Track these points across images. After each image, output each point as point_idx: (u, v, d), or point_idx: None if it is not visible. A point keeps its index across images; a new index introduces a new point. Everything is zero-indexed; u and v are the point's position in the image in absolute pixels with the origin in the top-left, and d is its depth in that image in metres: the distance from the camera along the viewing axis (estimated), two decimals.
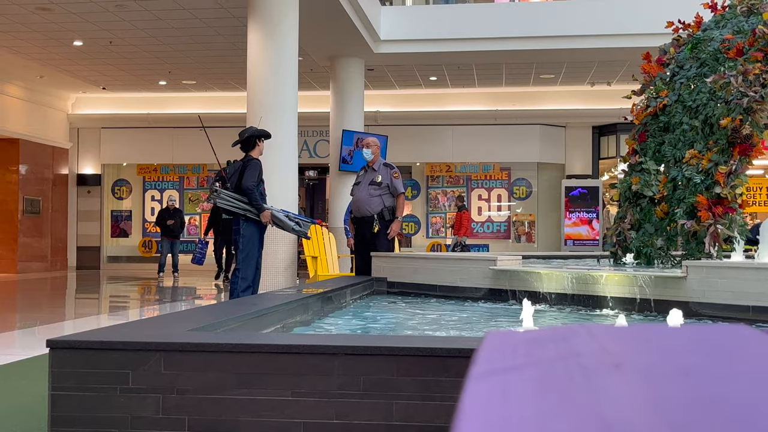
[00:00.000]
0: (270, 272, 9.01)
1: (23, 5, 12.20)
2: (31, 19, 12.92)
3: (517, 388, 0.55)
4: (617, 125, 18.37)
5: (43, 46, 14.76)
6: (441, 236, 19.86)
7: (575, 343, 0.62)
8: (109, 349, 2.86)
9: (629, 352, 0.60)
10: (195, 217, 20.44)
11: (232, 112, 17.75)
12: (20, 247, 17.86)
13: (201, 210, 20.36)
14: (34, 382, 4.65)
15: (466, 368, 0.64)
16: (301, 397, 2.73)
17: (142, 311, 10.54)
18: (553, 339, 0.65)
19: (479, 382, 0.57)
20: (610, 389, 0.52)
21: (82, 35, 13.96)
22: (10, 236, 17.81)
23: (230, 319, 3.80)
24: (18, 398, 4.46)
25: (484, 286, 6.42)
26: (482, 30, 14.04)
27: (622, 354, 0.58)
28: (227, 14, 12.64)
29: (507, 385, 0.56)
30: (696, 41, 6.73)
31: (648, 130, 6.92)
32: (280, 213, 7.75)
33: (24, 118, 18.10)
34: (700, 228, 5.95)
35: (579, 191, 18.13)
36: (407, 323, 5.45)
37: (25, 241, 18.06)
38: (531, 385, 0.55)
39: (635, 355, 0.58)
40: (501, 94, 18.88)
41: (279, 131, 8.96)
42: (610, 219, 16.66)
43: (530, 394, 0.54)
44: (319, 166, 19.81)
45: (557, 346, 0.62)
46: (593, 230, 18.00)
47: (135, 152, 20.27)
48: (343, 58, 14.37)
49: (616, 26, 13.58)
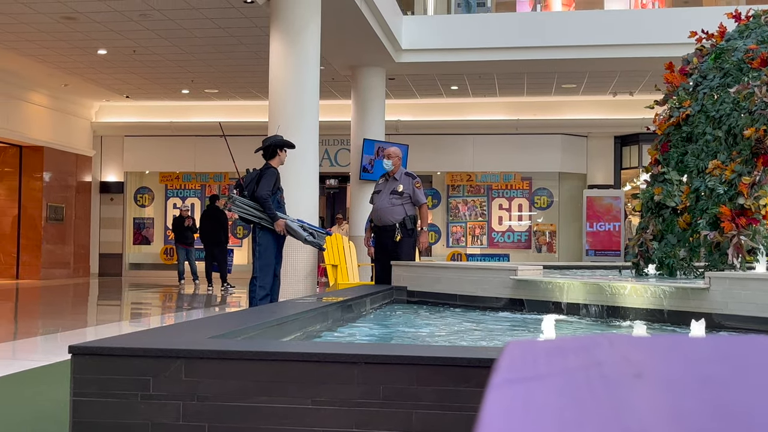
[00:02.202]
0: (290, 280, 9.03)
1: (49, 14, 12.34)
2: (57, 28, 13.06)
3: (539, 398, 0.55)
4: (639, 135, 18.27)
5: (68, 55, 14.91)
6: (461, 245, 19.82)
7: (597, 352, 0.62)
8: (131, 355, 2.88)
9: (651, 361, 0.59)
10: None
11: (254, 121, 17.83)
12: (44, 254, 18.02)
13: None
14: (56, 388, 4.69)
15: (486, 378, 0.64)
16: (321, 406, 2.73)
17: (163, 318, 10.59)
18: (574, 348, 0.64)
19: (500, 391, 0.57)
20: (631, 399, 0.52)
21: (107, 44, 14.09)
22: (33, 243, 17.98)
23: (250, 327, 3.81)
24: (40, 404, 4.49)
25: (505, 296, 6.40)
26: (504, 39, 14.03)
27: (644, 364, 0.58)
28: (250, 24, 12.72)
29: (528, 395, 0.56)
30: (719, 51, 6.69)
31: (671, 141, 6.88)
32: (295, 223, 7.75)
33: (48, 126, 18.29)
34: (723, 239, 5.90)
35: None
36: (429, 332, 5.44)
37: (49, 247, 18.22)
38: (552, 394, 0.55)
39: (657, 365, 0.58)
40: (522, 104, 18.84)
41: (300, 140, 8.99)
42: (632, 229, 16.57)
43: (551, 404, 0.53)
44: (339, 175, 19.86)
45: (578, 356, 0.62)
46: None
47: (157, 160, 20.41)
48: (365, 68, 14.42)
49: (639, 36, 13.53)
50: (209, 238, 15.53)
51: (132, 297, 14.59)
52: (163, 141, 20.16)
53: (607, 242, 18.02)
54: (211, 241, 15.45)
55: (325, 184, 20.06)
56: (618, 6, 15.19)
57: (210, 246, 15.48)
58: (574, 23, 14.18)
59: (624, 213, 18.15)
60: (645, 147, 16.50)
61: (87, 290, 16.30)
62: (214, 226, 15.53)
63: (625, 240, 17.27)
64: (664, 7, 15.94)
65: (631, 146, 19.31)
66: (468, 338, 5.06)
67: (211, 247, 15.48)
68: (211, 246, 15.46)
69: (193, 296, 14.35)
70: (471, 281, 6.78)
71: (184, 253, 16.66)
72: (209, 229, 15.55)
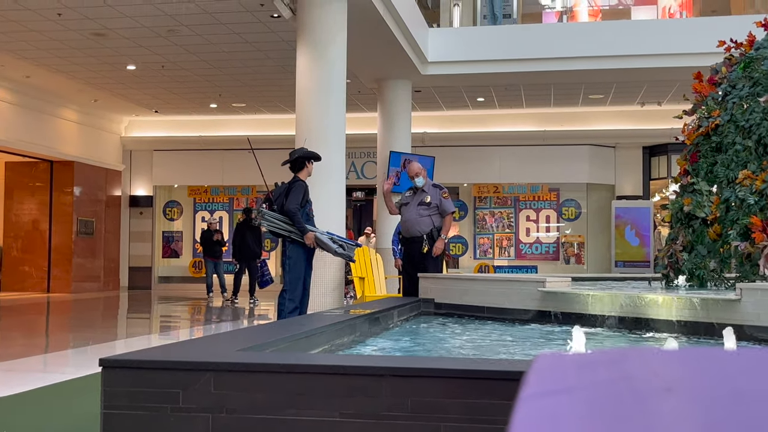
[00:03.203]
0: (317, 293, 9.04)
1: (79, 31, 12.51)
2: (87, 44, 13.24)
3: (568, 411, 0.55)
4: (668, 145, 18.11)
5: (98, 71, 15.10)
6: (488, 257, 19.76)
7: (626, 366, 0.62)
8: (161, 368, 2.90)
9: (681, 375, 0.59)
10: None
11: (281, 134, 17.94)
12: (74, 268, 18.21)
13: None
14: (87, 401, 4.72)
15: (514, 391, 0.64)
16: (349, 419, 2.73)
17: (192, 331, 10.65)
18: (604, 362, 0.64)
19: (529, 404, 0.57)
20: (662, 413, 0.51)
21: (136, 60, 14.26)
22: (64, 257, 18.18)
23: (279, 340, 3.82)
24: (71, 417, 4.53)
25: (533, 308, 6.36)
26: (530, 51, 13.99)
27: (674, 377, 0.58)
28: (277, 38, 12.81)
29: (557, 408, 0.56)
30: (749, 60, 6.63)
31: (700, 151, 6.82)
32: (325, 236, 7.76)
33: (79, 141, 18.52)
34: (754, 250, 5.83)
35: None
36: (457, 344, 5.43)
37: (79, 261, 18.41)
38: (582, 408, 0.55)
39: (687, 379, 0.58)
40: (549, 115, 18.78)
41: (327, 153, 9.02)
42: (661, 240, 16.41)
43: (581, 417, 0.53)
44: (366, 188, 19.89)
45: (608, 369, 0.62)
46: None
47: (186, 174, 20.58)
48: (391, 80, 14.45)
49: (667, 46, 13.43)
50: (245, 252, 15.42)
51: (161, 310, 14.68)
52: (191, 155, 20.33)
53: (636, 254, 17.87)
54: (248, 255, 15.37)
55: (352, 196, 20.10)
56: (645, 16, 15.12)
57: (247, 259, 15.39)
58: (601, 34, 14.12)
59: (653, 224, 17.99)
60: (674, 157, 16.35)
61: (117, 303, 16.44)
62: (250, 239, 15.42)
63: (654, 251, 17.12)
64: (691, 16, 15.83)
65: (660, 157, 19.16)
66: (496, 350, 5.04)
67: (248, 260, 15.37)
68: (249, 259, 15.36)
69: (221, 309, 14.42)
70: (499, 293, 6.75)
71: (212, 266, 16.68)
72: (246, 242, 15.41)
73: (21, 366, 6.67)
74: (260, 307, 14.74)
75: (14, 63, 14.47)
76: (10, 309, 13.97)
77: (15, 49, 13.56)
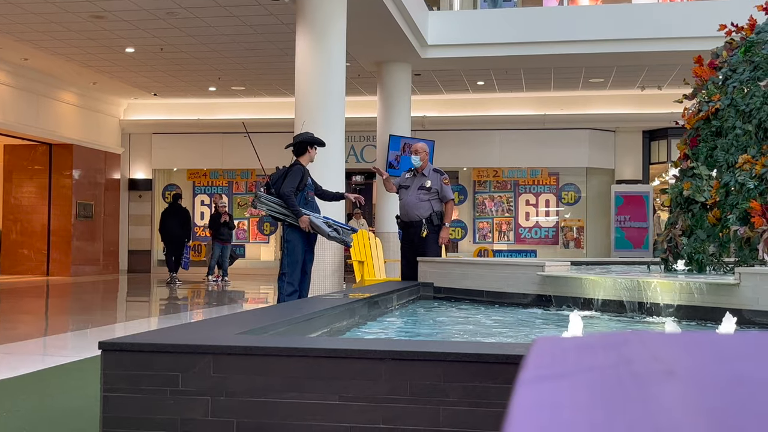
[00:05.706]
0: (317, 276, 9.05)
1: (77, 13, 12.46)
2: (85, 27, 13.19)
3: (568, 395, 0.55)
4: (668, 130, 18.08)
5: (96, 54, 15.05)
6: (488, 241, 19.77)
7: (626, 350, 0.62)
8: (160, 351, 2.91)
9: (681, 359, 0.59)
10: (243, 222, 20.63)
11: (281, 118, 17.88)
12: (73, 251, 18.21)
13: (249, 215, 20.56)
14: (87, 384, 4.74)
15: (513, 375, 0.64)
16: (349, 402, 2.73)
17: (191, 314, 10.67)
18: (603, 345, 0.64)
19: (528, 388, 0.57)
20: (662, 397, 0.51)
21: (134, 42, 14.20)
22: (63, 240, 18.18)
23: (278, 323, 3.82)
24: (71, 399, 4.54)
25: (532, 292, 6.37)
26: (531, 34, 13.95)
27: (675, 361, 0.58)
28: (276, 21, 12.76)
29: (557, 392, 0.55)
30: (749, 44, 6.61)
31: (700, 135, 6.81)
32: (320, 219, 7.74)
33: (77, 124, 18.48)
34: (753, 234, 5.83)
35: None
36: (456, 328, 5.44)
37: (78, 244, 18.41)
38: (581, 392, 0.55)
39: (688, 363, 0.58)
40: (549, 99, 18.74)
41: (326, 136, 8.99)
42: (660, 225, 16.43)
43: (581, 401, 0.53)
44: (365, 171, 19.87)
45: (608, 353, 0.62)
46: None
47: (185, 157, 20.55)
48: (391, 64, 14.41)
49: (667, 29, 13.39)
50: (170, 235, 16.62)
51: (160, 293, 14.71)
52: (190, 138, 20.29)
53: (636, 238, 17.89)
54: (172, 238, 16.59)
55: (351, 180, 20.08)
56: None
57: (173, 242, 16.59)
58: (602, 17, 14.07)
59: (652, 208, 17.99)
60: (674, 142, 16.35)
61: (116, 287, 16.47)
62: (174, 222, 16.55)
63: (653, 235, 17.13)
64: (692, 0, 15.76)
65: (660, 141, 19.13)
66: (495, 334, 5.05)
67: (174, 243, 16.60)
68: (174, 242, 16.61)
69: (220, 292, 14.45)
70: (498, 277, 6.76)
71: (219, 249, 16.67)
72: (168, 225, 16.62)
73: (20, 349, 6.69)
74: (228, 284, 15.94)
75: (12, 45, 14.42)
76: (9, 292, 13.99)
77: (13, 31, 13.50)
